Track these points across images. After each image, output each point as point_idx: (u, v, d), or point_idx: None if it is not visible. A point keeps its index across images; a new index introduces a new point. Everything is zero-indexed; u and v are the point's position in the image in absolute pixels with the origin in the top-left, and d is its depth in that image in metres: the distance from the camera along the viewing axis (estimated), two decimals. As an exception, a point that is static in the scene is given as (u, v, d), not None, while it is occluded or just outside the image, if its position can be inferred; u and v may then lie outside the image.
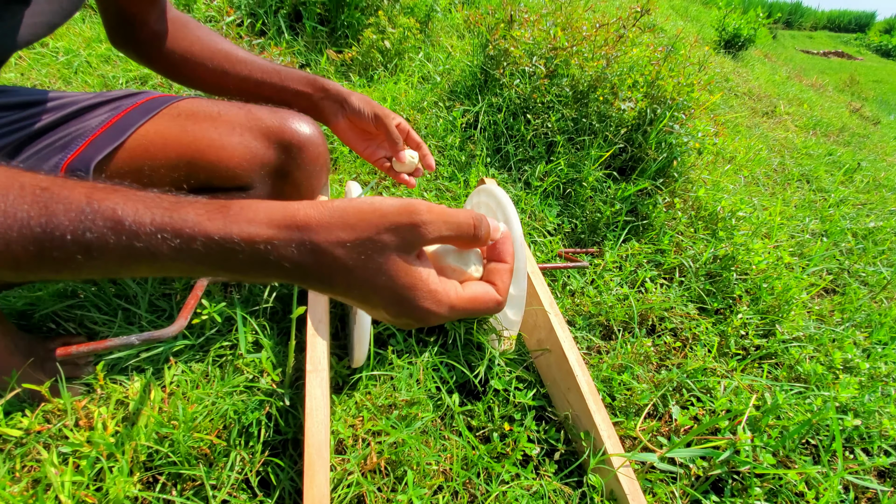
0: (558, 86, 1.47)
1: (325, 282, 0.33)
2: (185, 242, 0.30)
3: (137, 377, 0.77)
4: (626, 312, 1.04)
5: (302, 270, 0.32)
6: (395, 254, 0.33)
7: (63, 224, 0.29)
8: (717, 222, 1.32)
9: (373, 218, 0.32)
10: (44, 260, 0.30)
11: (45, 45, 1.76)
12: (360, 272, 0.32)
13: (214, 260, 0.31)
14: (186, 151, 0.67)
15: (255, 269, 0.32)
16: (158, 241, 0.30)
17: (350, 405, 0.77)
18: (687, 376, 0.92)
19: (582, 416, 0.76)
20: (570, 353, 0.79)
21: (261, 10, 2.10)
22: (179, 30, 0.74)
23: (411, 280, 0.33)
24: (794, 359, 1.03)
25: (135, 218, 0.30)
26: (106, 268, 0.31)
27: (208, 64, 0.75)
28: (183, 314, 0.65)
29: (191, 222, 0.31)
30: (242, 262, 0.31)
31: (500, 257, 0.40)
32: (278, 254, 0.31)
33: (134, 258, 0.30)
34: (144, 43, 0.73)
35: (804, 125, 2.86)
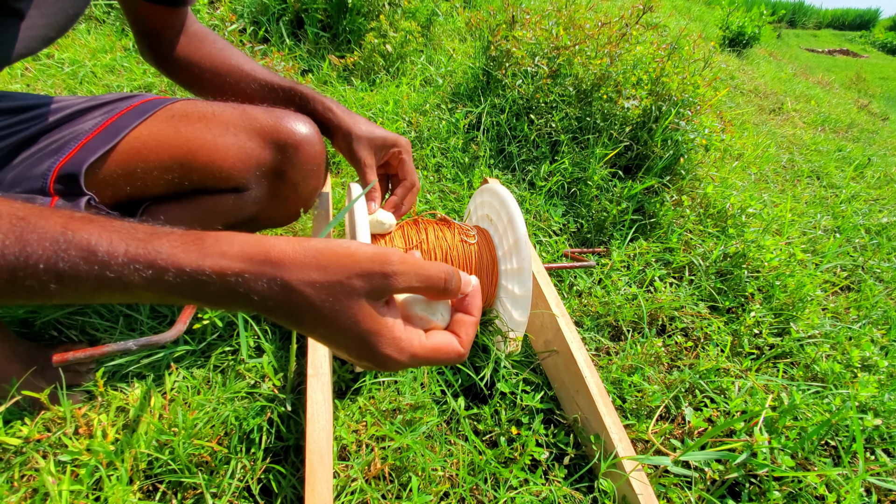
0: (561, 85, 1.46)
1: (293, 318, 0.33)
2: (157, 273, 0.31)
3: (138, 384, 0.76)
4: (635, 312, 1.02)
5: (271, 305, 0.33)
6: (363, 299, 0.34)
7: (37, 253, 0.30)
8: (727, 219, 1.29)
9: (346, 262, 0.33)
10: (17, 287, 0.30)
11: (51, 56, 1.79)
12: (327, 313, 0.33)
13: (185, 291, 0.32)
14: (179, 153, 0.66)
15: (226, 301, 0.33)
16: (131, 272, 0.31)
17: (353, 410, 0.75)
18: (700, 377, 0.89)
19: (592, 419, 0.73)
20: (579, 355, 0.77)
21: (263, 18, 2.12)
22: (194, 44, 0.75)
23: (376, 327, 0.34)
24: (810, 358, 1.00)
25: (108, 248, 0.31)
26: (78, 296, 0.32)
27: (217, 80, 0.76)
28: (182, 319, 0.64)
29: (164, 254, 0.31)
30: (213, 293, 0.32)
31: (467, 309, 0.41)
32: (248, 287, 0.32)
33: (106, 287, 0.31)
34: (165, 56, 0.75)
35: (812, 122, 2.83)
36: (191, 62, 0.75)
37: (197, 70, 0.75)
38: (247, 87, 0.76)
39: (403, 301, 0.40)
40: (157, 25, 0.72)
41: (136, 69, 1.70)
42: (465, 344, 0.39)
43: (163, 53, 0.75)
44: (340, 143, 0.75)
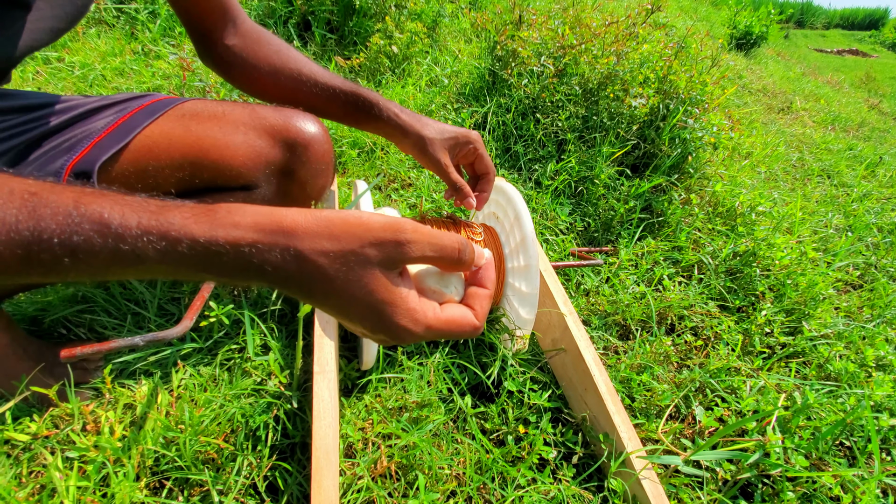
0: (567, 84, 1.45)
1: (305, 289, 0.33)
2: (171, 245, 0.31)
3: (145, 381, 0.76)
4: (643, 311, 1.00)
5: (283, 276, 0.32)
6: (377, 269, 0.33)
7: (50, 227, 0.30)
8: (736, 218, 1.28)
9: (358, 231, 0.33)
10: (31, 263, 0.30)
11: (62, 59, 1.81)
12: (340, 283, 0.33)
13: (198, 262, 0.32)
14: (190, 151, 0.66)
15: (238, 273, 0.32)
16: (144, 244, 0.31)
17: (360, 408, 0.74)
18: (710, 376, 0.88)
19: (600, 418, 0.72)
20: (587, 353, 0.76)
21: (270, 21, 2.13)
22: (251, 45, 0.73)
23: (391, 297, 0.34)
24: (823, 357, 0.98)
25: (121, 221, 0.31)
26: (92, 271, 0.31)
27: (276, 84, 0.74)
28: (188, 315, 0.64)
29: (177, 225, 0.31)
30: (226, 264, 0.32)
31: (481, 283, 0.40)
32: (261, 258, 0.32)
33: (120, 261, 0.31)
34: (220, 57, 0.73)
35: (822, 121, 2.79)
36: (248, 65, 0.73)
37: (256, 73, 0.74)
38: (307, 92, 0.73)
39: (416, 274, 0.39)
40: (207, 25, 0.71)
41: (146, 72, 1.72)
42: (481, 317, 0.39)
43: (220, 56, 0.74)
44: (412, 149, 0.72)
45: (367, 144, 1.39)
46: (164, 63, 1.80)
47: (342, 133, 1.41)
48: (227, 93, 1.63)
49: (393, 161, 1.36)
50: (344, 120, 0.76)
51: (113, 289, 0.90)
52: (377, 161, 1.35)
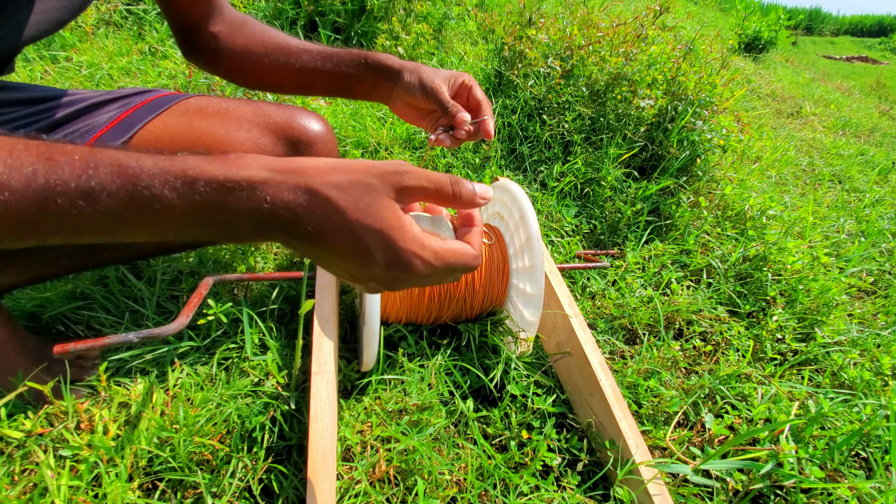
0: (574, 86, 1.44)
1: (316, 227, 0.34)
2: (188, 184, 0.32)
3: (141, 379, 0.75)
4: (650, 315, 0.98)
5: (295, 216, 0.33)
6: (384, 196, 0.35)
7: (66, 172, 0.30)
8: (746, 221, 1.25)
9: (362, 166, 0.35)
10: (47, 211, 0.30)
11: (70, 59, 1.82)
12: (351, 213, 0.34)
13: (213, 204, 0.32)
14: (193, 147, 0.65)
15: (251, 216, 0.33)
16: (161, 184, 0.31)
17: (359, 410, 0.73)
18: (720, 382, 0.85)
19: (606, 424, 0.70)
20: (593, 356, 0.74)
21: (277, 23, 2.14)
22: (236, 29, 0.72)
23: (399, 221, 0.35)
24: (837, 364, 0.95)
25: (138, 163, 0.32)
26: (107, 218, 0.31)
27: (265, 60, 0.71)
28: (184, 312, 0.63)
29: (192, 165, 0.32)
30: (240, 203, 0.32)
31: (468, 222, 0.43)
32: (274, 196, 0.33)
33: (136, 204, 0.31)
34: (206, 48, 0.72)
35: (832, 126, 2.76)
36: (236, 47, 0.71)
37: (244, 55, 0.72)
38: (298, 65, 0.70)
39: (411, 216, 0.41)
40: (194, 16, 0.70)
41: (152, 72, 1.72)
42: (477, 248, 0.41)
43: (207, 47, 0.72)
44: (409, 80, 0.67)
45: (370, 144, 1.38)
46: (170, 63, 1.80)
47: (346, 133, 1.40)
48: (232, 91, 1.63)
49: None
50: (338, 88, 0.71)
51: (112, 286, 0.89)
52: (381, 161, 1.34)
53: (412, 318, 0.82)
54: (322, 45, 0.72)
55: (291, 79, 0.71)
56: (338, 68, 0.70)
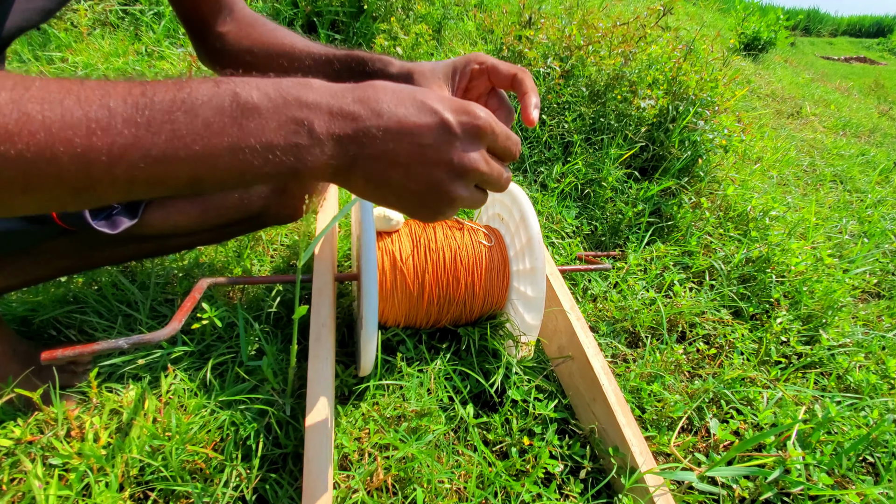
0: (574, 86, 1.42)
1: (374, 105, 0.35)
2: (274, 83, 0.34)
3: (133, 385, 0.73)
4: (653, 318, 0.97)
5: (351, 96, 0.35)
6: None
7: (161, 90, 0.31)
8: (749, 222, 1.24)
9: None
10: (145, 124, 0.29)
11: (65, 59, 1.81)
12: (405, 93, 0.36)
13: (287, 93, 0.33)
14: None
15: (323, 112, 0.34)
16: (247, 84, 0.33)
17: (356, 416, 0.71)
18: (724, 386, 0.84)
19: (610, 430, 0.69)
20: (595, 360, 0.73)
21: (274, 23, 2.12)
22: (244, 30, 0.69)
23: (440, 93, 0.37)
24: (842, 367, 0.94)
25: (219, 80, 0.33)
26: (196, 127, 0.31)
27: (268, 65, 0.68)
28: (177, 317, 0.61)
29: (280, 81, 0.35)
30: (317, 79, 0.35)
31: None
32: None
33: (225, 110, 0.31)
34: (215, 47, 0.70)
35: (833, 126, 2.75)
36: (243, 49, 0.69)
37: (250, 56, 0.69)
38: (302, 66, 0.67)
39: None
40: (202, 14, 0.68)
41: (148, 73, 1.71)
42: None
43: (217, 47, 0.70)
44: None
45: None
46: (167, 63, 1.79)
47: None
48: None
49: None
50: None
51: (105, 289, 0.88)
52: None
53: (411, 322, 0.80)
54: (327, 46, 0.68)
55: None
56: (337, 76, 0.65)
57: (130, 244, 0.74)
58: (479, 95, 0.59)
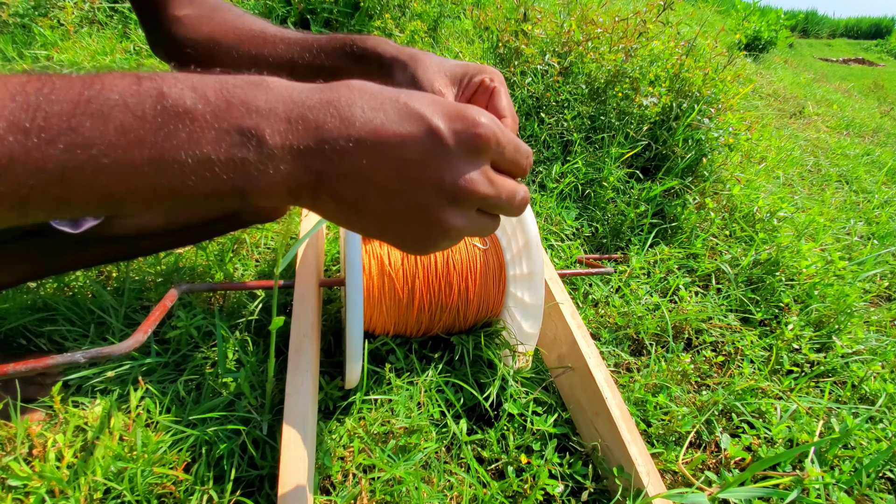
0: (573, 83, 1.38)
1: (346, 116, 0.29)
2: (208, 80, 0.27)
3: (101, 400, 0.68)
4: (657, 324, 0.92)
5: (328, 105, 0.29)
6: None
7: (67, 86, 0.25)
8: (756, 223, 1.19)
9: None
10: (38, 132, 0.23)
11: (50, 58, 1.76)
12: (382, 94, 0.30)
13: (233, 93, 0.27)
14: None
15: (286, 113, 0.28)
16: (178, 82, 0.27)
17: (341, 433, 0.66)
18: (735, 397, 0.79)
19: (614, 448, 0.64)
20: (597, 372, 0.68)
21: (267, 21, 2.08)
22: (205, 14, 0.62)
23: (432, 96, 0.31)
24: (857, 376, 0.89)
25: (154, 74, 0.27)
26: (141, 148, 0.25)
27: (234, 52, 0.60)
28: (142, 328, 0.56)
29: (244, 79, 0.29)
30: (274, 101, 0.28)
31: None
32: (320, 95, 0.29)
33: (168, 119, 0.25)
34: (168, 35, 0.62)
35: (836, 126, 2.71)
36: (203, 36, 0.61)
37: (211, 46, 0.61)
38: (273, 52, 0.58)
39: None
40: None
41: (168, 66, 1.66)
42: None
43: (171, 34, 0.62)
44: (400, 79, 0.52)
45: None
46: (155, 61, 1.74)
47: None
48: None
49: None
50: (318, 80, 0.61)
51: (78, 295, 0.83)
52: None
53: (400, 330, 0.75)
54: (306, 32, 0.60)
55: (270, 69, 0.60)
56: (317, 60, 0.56)
57: (98, 246, 0.69)
58: None
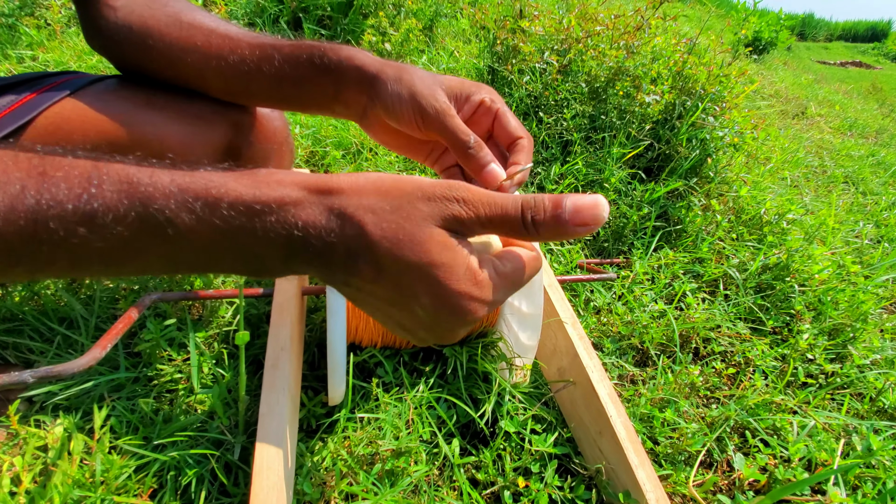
0: (573, 81, 1.33)
1: (352, 261, 0.29)
2: (209, 206, 0.28)
3: (63, 419, 0.63)
4: (663, 333, 0.87)
5: (326, 244, 0.29)
6: (430, 224, 0.29)
7: (62, 190, 0.26)
8: (764, 226, 1.14)
9: (407, 186, 0.30)
10: (39, 240, 0.26)
11: (35, 58, 1.72)
12: (387, 244, 0.29)
13: (238, 229, 0.28)
14: (108, 128, 0.53)
15: (279, 246, 0.29)
16: (178, 206, 0.27)
17: (324, 455, 0.61)
18: (747, 413, 0.74)
19: (620, 471, 0.58)
20: (601, 387, 0.63)
21: (259, 20, 2.04)
22: (147, 2, 0.54)
23: (447, 256, 0.29)
24: (875, 388, 0.84)
25: (150, 180, 0.27)
26: (112, 247, 0.27)
27: (176, 54, 0.52)
28: (101, 342, 0.51)
29: (216, 183, 0.28)
30: (269, 229, 0.28)
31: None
32: (306, 219, 0.29)
33: (146, 230, 0.27)
34: (102, 24, 0.54)
35: (839, 127, 2.67)
36: (140, 29, 0.52)
37: (150, 41, 0.53)
38: (224, 63, 0.50)
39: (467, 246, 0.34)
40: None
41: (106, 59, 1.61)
42: (535, 246, 0.37)
43: (105, 24, 0.55)
44: (394, 91, 0.44)
45: (353, 145, 1.27)
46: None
47: (326, 133, 1.29)
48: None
49: (382, 163, 1.24)
50: (283, 98, 0.51)
51: (46, 304, 0.77)
52: (364, 163, 1.23)
53: (389, 342, 0.70)
54: (265, 35, 0.51)
55: (216, 84, 0.53)
56: (279, 72, 0.49)
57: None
58: (479, 137, 0.46)
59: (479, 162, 0.44)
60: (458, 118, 0.45)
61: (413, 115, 0.45)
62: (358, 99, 0.48)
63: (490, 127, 0.48)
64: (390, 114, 0.46)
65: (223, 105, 0.59)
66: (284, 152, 0.68)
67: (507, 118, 0.47)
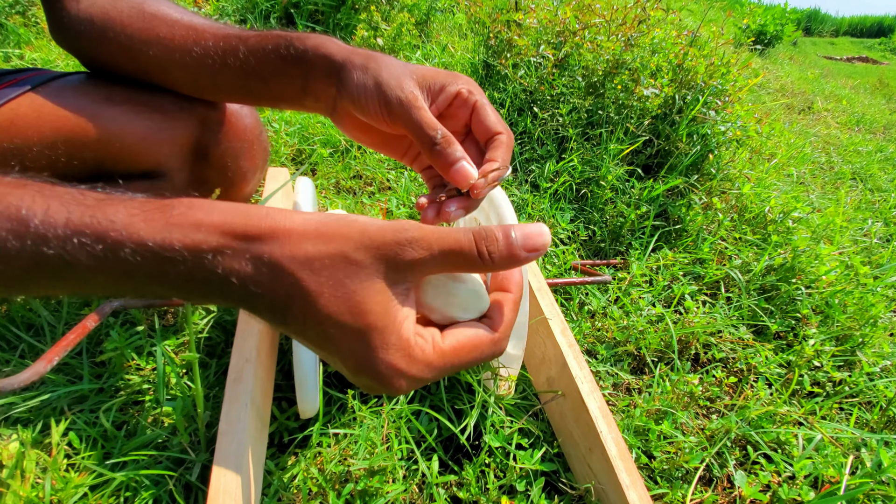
0: (569, 76, 1.29)
1: (280, 310, 0.27)
2: (111, 249, 0.26)
3: (22, 432, 0.59)
4: (661, 338, 0.82)
5: (253, 293, 0.27)
6: (377, 280, 0.27)
7: None
8: (768, 225, 1.10)
9: (351, 231, 0.28)
10: None
11: (22, 56, 1.69)
12: (324, 300, 0.27)
13: (146, 273, 0.26)
14: (65, 125, 0.50)
15: (197, 288, 0.27)
16: (75, 247, 0.25)
17: (294, 472, 0.57)
18: (749, 425, 0.69)
19: (610, 491, 0.54)
20: (591, 400, 0.58)
21: (251, 16, 2.00)
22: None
23: (385, 319, 0.28)
24: (885, 397, 0.79)
25: (44, 218, 0.26)
26: (5, 282, 0.26)
27: (139, 46, 0.49)
28: (47, 355, 0.47)
29: (119, 224, 0.26)
30: (182, 276, 0.27)
31: (502, 285, 0.35)
32: (227, 268, 0.26)
33: (43, 269, 0.26)
34: (62, 16, 0.51)
35: (846, 122, 2.60)
36: (103, 22, 0.50)
37: (112, 34, 0.49)
38: (189, 56, 0.47)
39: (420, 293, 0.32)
40: None
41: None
42: (502, 328, 0.32)
43: (68, 16, 0.52)
44: (360, 81, 0.41)
45: (341, 143, 1.23)
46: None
47: (313, 130, 1.25)
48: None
49: (371, 161, 1.20)
50: (250, 92, 0.49)
51: (13, 310, 0.74)
52: (352, 161, 1.19)
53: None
54: (233, 26, 0.48)
55: (181, 78, 0.50)
56: (245, 64, 0.46)
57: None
58: (456, 132, 0.43)
59: (446, 159, 0.39)
60: (427, 110, 0.40)
61: (379, 107, 0.41)
62: (327, 91, 0.44)
63: (468, 121, 0.44)
64: (356, 106, 0.42)
65: (189, 100, 0.55)
66: (256, 150, 0.64)
67: (485, 111, 0.43)
